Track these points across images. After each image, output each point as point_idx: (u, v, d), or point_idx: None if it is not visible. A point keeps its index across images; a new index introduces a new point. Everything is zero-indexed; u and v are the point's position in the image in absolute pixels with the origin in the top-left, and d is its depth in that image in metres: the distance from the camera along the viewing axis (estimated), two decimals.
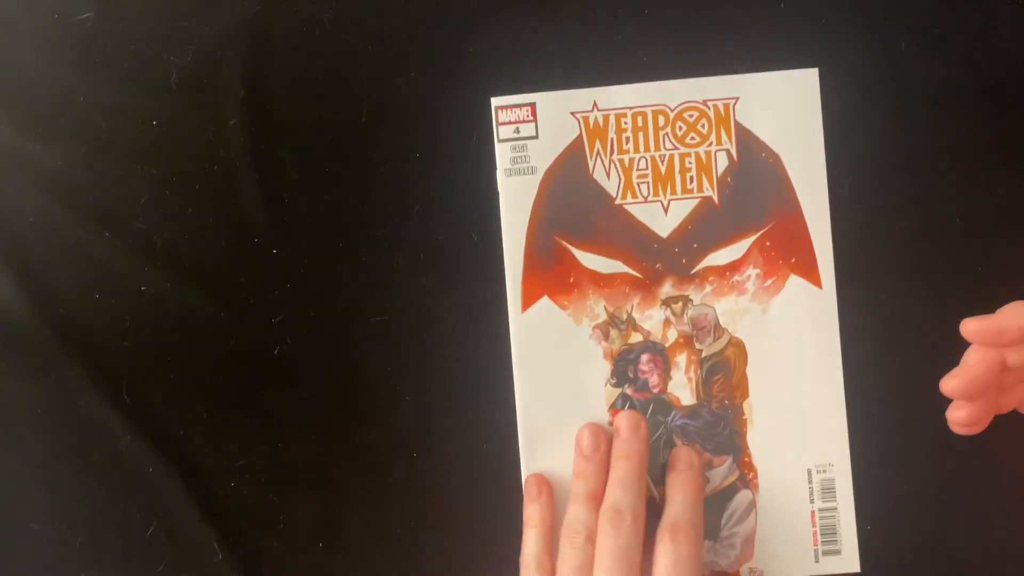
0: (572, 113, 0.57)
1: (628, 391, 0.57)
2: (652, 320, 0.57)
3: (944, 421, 0.51)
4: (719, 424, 0.57)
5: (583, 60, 0.57)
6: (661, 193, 0.57)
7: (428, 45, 0.58)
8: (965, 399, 0.50)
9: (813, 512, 0.56)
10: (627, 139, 0.57)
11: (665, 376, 0.57)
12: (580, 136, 0.57)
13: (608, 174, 0.57)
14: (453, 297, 0.58)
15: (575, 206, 0.57)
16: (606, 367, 0.57)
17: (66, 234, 0.58)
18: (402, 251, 0.58)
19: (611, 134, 0.57)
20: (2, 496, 0.59)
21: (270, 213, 0.58)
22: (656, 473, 0.56)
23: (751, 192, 0.57)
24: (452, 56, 0.58)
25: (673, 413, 0.57)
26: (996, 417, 0.52)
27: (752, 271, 0.57)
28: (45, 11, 0.59)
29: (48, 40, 0.59)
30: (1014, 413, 0.52)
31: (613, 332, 0.57)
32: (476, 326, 0.58)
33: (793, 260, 0.57)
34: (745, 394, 0.57)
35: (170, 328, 0.58)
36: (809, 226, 0.57)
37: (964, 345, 0.55)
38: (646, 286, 0.57)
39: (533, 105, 0.57)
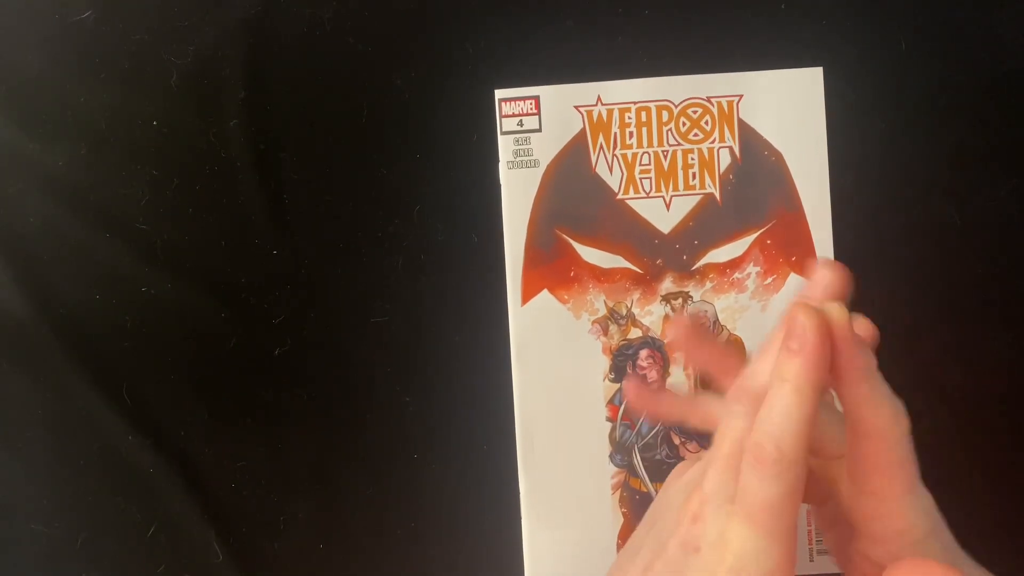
0: (576, 107, 0.57)
1: None
2: (652, 316, 0.57)
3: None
4: None
5: (586, 57, 0.58)
6: (663, 189, 0.57)
7: (430, 43, 0.58)
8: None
9: (808, 511, 0.56)
10: (630, 134, 0.57)
11: (664, 372, 0.57)
12: (583, 130, 0.57)
13: (611, 169, 0.57)
14: (453, 297, 0.58)
15: (577, 200, 0.57)
16: (605, 362, 0.57)
17: (66, 234, 0.58)
18: (402, 251, 0.58)
19: (614, 129, 0.57)
20: (2, 496, 0.59)
21: (270, 213, 0.58)
22: (652, 466, 0.57)
23: (753, 190, 0.57)
24: (454, 54, 0.58)
25: None
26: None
27: (752, 269, 0.57)
28: (45, 11, 0.59)
29: (48, 40, 0.59)
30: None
31: (612, 327, 0.57)
32: (476, 326, 0.58)
33: (793, 258, 0.57)
34: None
35: (170, 328, 0.58)
36: (810, 225, 0.57)
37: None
38: (646, 281, 0.57)
39: (537, 98, 0.57)
